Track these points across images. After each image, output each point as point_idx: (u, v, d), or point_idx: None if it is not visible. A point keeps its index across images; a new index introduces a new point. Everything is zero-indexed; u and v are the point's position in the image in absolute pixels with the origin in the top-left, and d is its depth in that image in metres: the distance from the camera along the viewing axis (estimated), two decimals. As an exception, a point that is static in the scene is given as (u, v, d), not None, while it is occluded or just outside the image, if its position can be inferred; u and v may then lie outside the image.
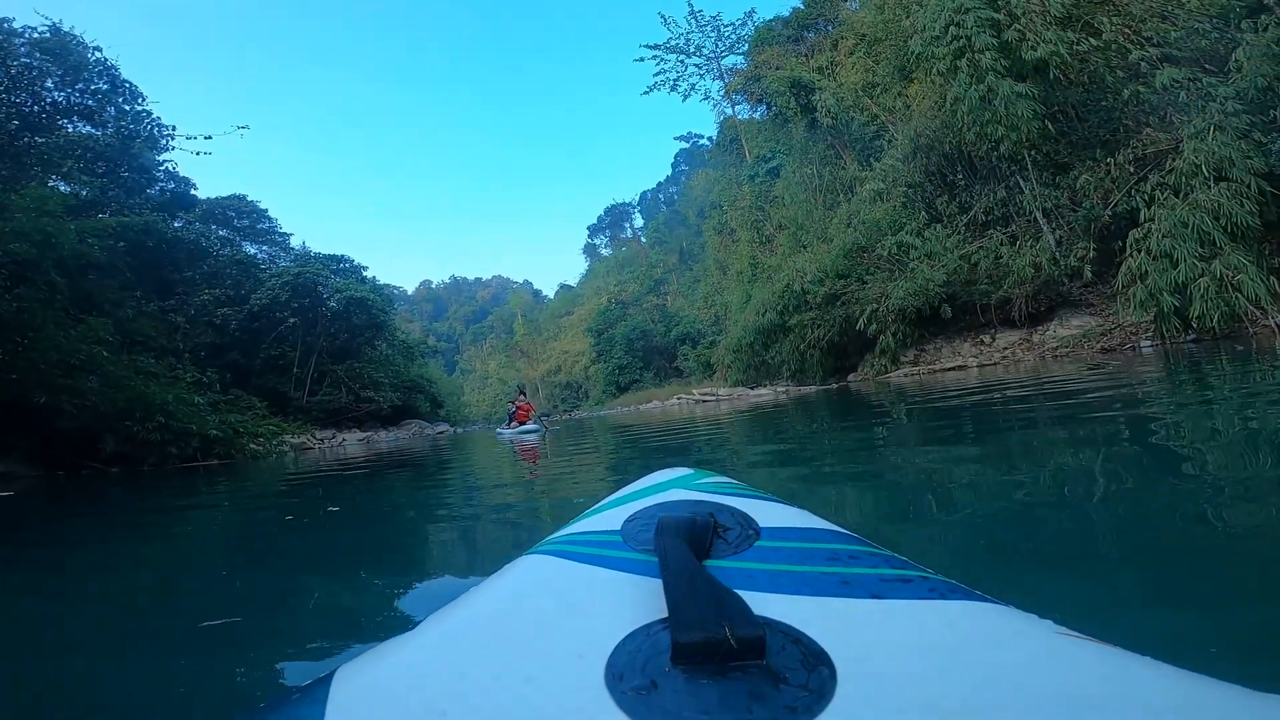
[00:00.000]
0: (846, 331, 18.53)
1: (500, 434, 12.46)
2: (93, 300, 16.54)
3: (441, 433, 27.13)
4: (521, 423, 12.98)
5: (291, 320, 24.36)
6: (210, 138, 15.62)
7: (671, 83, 41.48)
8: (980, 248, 15.93)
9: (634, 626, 0.38)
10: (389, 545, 2.17)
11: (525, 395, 14.60)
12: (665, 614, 0.38)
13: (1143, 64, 13.16)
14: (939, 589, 0.43)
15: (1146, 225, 11.48)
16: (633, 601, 0.42)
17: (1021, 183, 15.99)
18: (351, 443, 21.46)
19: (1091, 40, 14.10)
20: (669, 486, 0.71)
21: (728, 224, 36.47)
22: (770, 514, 0.59)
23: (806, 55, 28.98)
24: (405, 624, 0.49)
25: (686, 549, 0.45)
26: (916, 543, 1.41)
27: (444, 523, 2.63)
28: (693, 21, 40.78)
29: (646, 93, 41.69)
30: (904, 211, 18.11)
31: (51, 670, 1.14)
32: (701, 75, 42.85)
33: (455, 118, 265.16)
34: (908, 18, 17.99)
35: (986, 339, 16.67)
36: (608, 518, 0.62)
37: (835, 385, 17.14)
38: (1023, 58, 14.22)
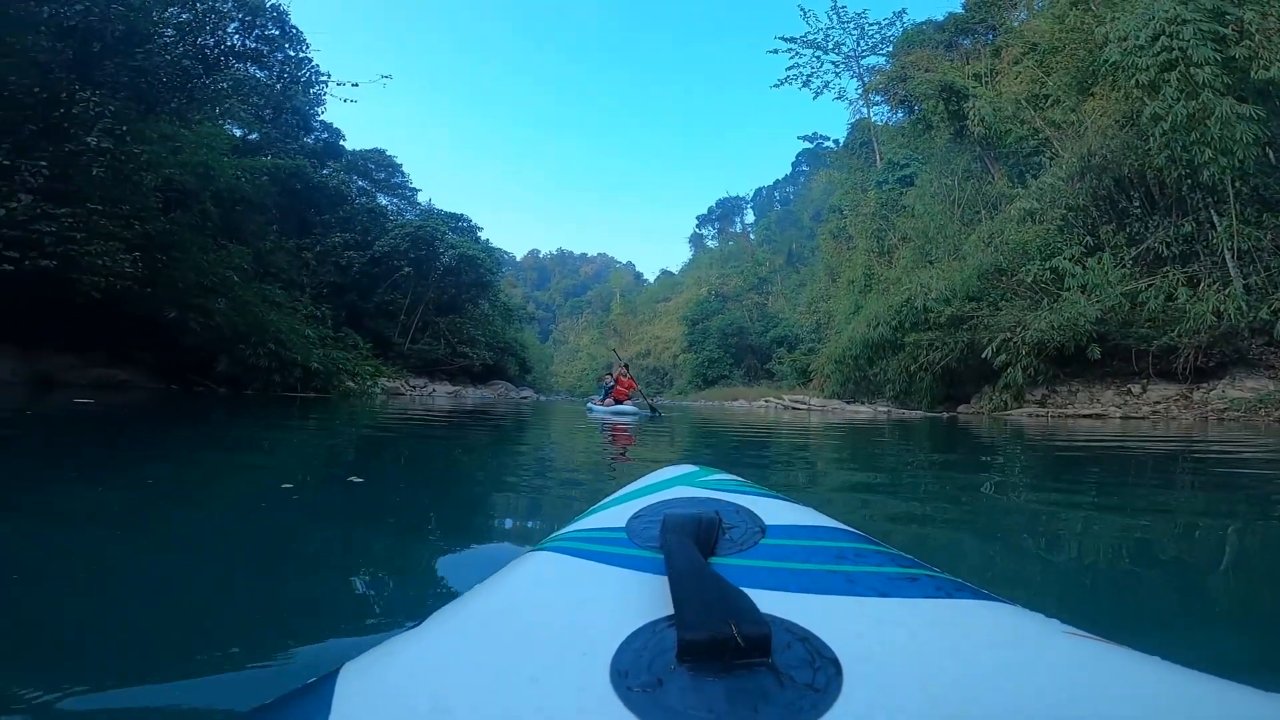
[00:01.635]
0: (967, 358, 16.82)
1: (591, 410, 10.95)
2: (238, 230, 18.01)
3: (525, 397, 27.70)
4: (619, 400, 11.05)
5: (406, 269, 25.57)
6: (357, 85, 16.26)
7: (804, 78, 39.49)
8: (1150, 285, 13.79)
9: (639, 624, 0.38)
10: (410, 533, 1.93)
11: (629, 370, 12.22)
12: (670, 611, 0.38)
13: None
14: (945, 588, 0.42)
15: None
16: (638, 599, 0.41)
17: (1215, 217, 13.66)
18: (441, 394, 22.25)
19: (1340, 65, 11.77)
20: (673, 484, 0.70)
21: (845, 229, 35.14)
22: (776, 512, 0.58)
23: (962, 61, 27.01)
24: (410, 620, 0.46)
25: (692, 546, 0.45)
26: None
27: (493, 516, 2.27)
28: (834, 17, 38.35)
29: (776, 86, 39.41)
30: (1059, 236, 16.11)
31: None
32: (837, 73, 40.75)
33: (587, 85, 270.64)
34: (1100, 25, 15.84)
35: (1135, 389, 14.56)
36: (612, 515, 0.61)
37: (945, 414, 15.61)
38: (1251, 77, 12.12)
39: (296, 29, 16.00)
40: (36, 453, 3.25)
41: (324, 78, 16.57)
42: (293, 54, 15.95)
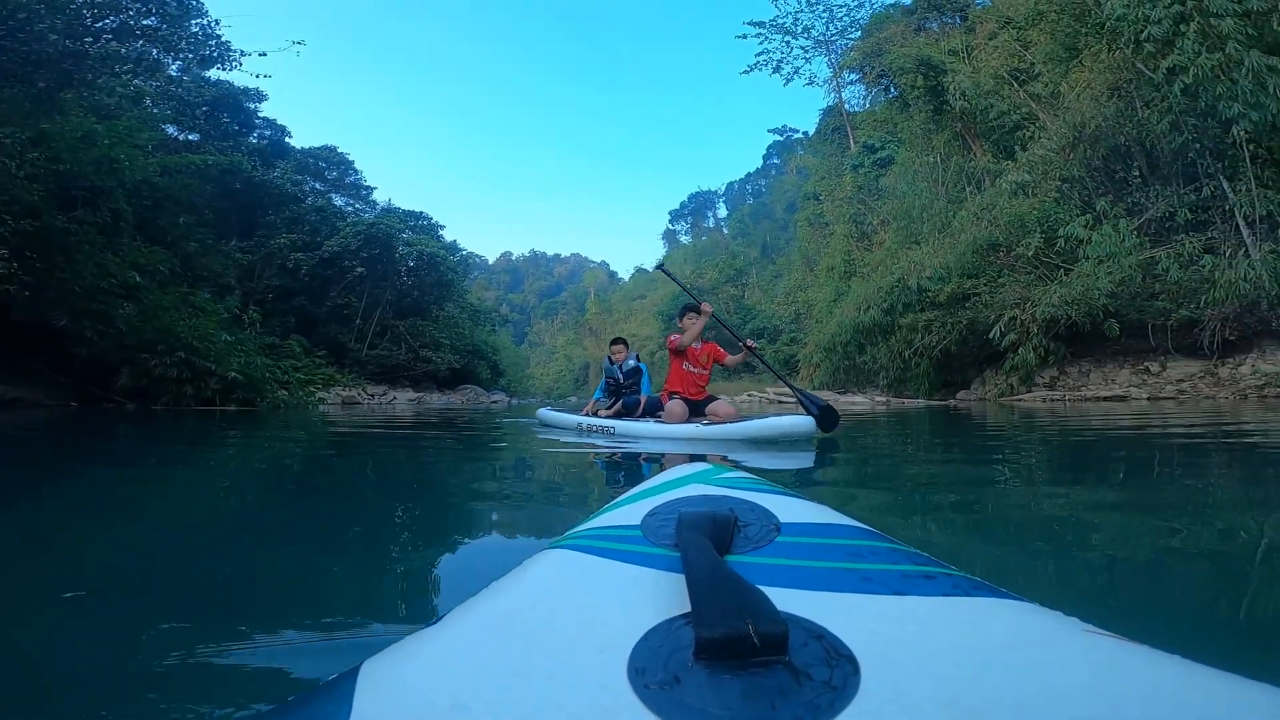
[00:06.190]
0: (967, 340, 15.75)
1: (577, 426, 5.37)
2: (160, 231, 16.09)
3: (495, 401, 26.10)
4: (701, 401, 5.17)
5: (360, 270, 23.75)
6: (265, 55, 14.59)
7: (775, 64, 39.25)
8: (1169, 253, 12.80)
9: (656, 621, 0.38)
10: (424, 532, 1.89)
11: (700, 312, 5.20)
12: (687, 609, 0.38)
13: None
14: (962, 585, 0.42)
15: None
16: (654, 596, 0.41)
17: (1225, 183, 12.73)
18: (402, 402, 20.55)
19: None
20: (688, 481, 0.70)
21: (822, 216, 34.40)
22: (790, 509, 0.57)
23: (935, 40, 26.51)
24: (427, 618, 0.47)
25: (708, 544, 0.45)
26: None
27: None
28: (802, 0, 37.80)
29: (746, 72, 38.96)
30: (1058, 208, 15.20)
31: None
32: (808, 59, 40.23)
33: (554, 87, 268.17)
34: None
35: (1153, 367, 13.59)
36: (627, 512, 0.61)
37: (951, 402, 14.50)
38: (1275, 28, 11.32)
39: (197, 1, 14.19)
40: None
41: (236, 54, 14.75)
42: (195, 29, 14.08)
